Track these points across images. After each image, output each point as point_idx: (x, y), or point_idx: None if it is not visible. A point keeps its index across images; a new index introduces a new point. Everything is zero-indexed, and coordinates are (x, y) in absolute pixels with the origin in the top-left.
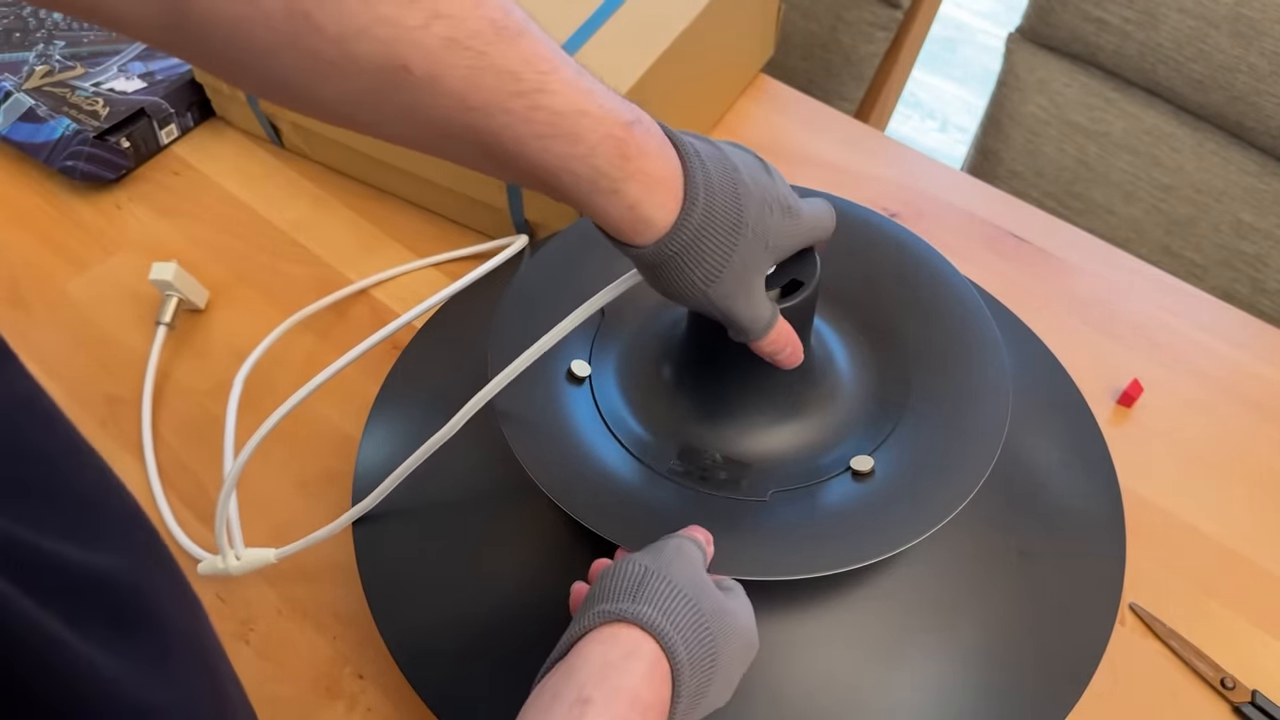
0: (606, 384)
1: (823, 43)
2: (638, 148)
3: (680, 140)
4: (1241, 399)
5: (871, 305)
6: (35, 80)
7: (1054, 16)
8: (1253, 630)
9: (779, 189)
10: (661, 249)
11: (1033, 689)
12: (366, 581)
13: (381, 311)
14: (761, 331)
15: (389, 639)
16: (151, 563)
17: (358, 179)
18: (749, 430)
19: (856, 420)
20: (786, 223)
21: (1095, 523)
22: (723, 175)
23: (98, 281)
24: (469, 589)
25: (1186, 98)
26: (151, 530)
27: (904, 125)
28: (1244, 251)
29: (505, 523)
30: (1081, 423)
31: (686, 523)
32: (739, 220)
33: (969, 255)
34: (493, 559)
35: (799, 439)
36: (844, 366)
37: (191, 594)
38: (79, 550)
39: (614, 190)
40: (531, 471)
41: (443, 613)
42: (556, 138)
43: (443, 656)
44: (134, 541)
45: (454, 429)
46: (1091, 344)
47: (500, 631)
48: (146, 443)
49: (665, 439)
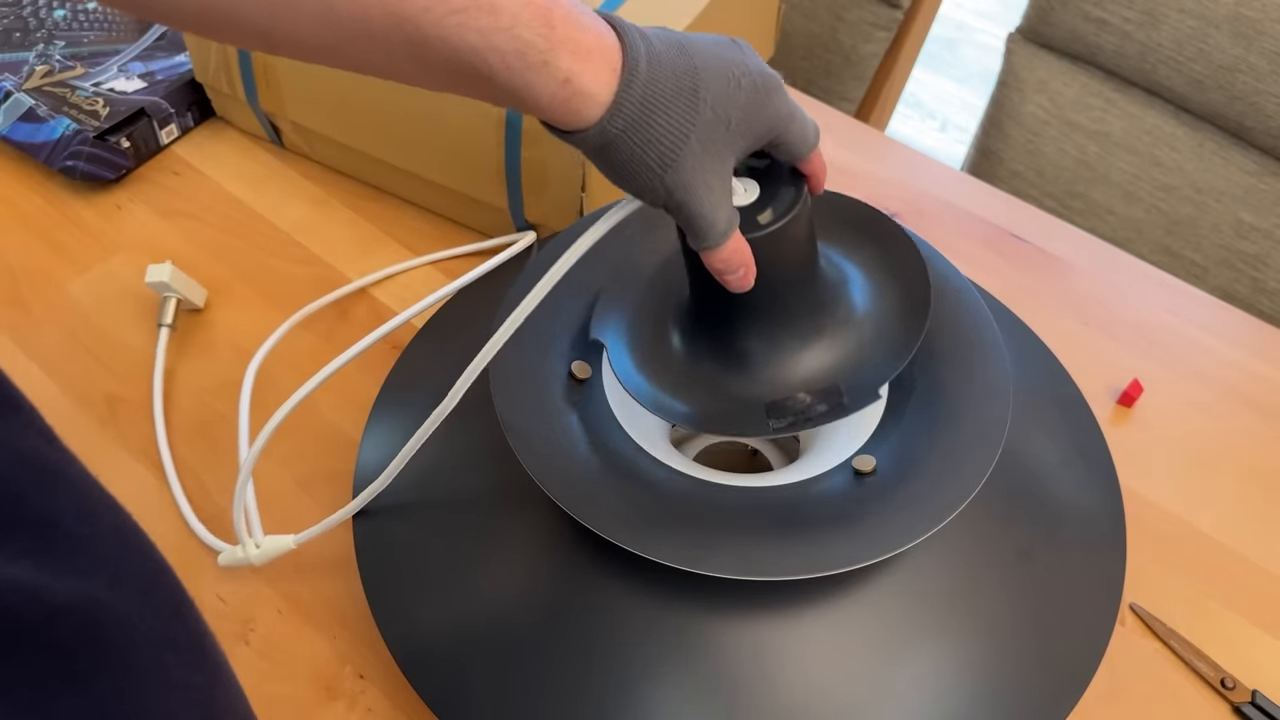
0: (622, 371)
1: (823, 42)
2: (563, 15)
3: (612, 15)
4: (1242, 399)
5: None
6: (35, 80)
7: (1054, 16)
8: (1253, 630)
9: (749, 61)
10: (606, 128)
11: (1032, 689)
12: (367, 581)
13: (382, 311)
14: (718, 238)
15: (389, 639)
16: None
17: (358, 179)
18: (807, 353)
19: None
20: (757, 100)
21: (1095, 522)
22: (669, 46)
23: (98, 281)
24: (469, 589)
25: (1187, 98)
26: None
27: (904, 125)
28: (1244, 251)
29: (506, 523)
30: (1082, 423)
31: (691, 521)
32: (694, 95)
33: (969, 255)
34: (493, 559)
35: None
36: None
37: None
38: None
39: (544, 63)
40: (535, 475)
41: (443, 613)
42: (475, 10)
43: (443, 656)
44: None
45: (465, 386)
46: (1092, 344)
47: (501, 632)
48: (162, 443)
49: (743, 409)
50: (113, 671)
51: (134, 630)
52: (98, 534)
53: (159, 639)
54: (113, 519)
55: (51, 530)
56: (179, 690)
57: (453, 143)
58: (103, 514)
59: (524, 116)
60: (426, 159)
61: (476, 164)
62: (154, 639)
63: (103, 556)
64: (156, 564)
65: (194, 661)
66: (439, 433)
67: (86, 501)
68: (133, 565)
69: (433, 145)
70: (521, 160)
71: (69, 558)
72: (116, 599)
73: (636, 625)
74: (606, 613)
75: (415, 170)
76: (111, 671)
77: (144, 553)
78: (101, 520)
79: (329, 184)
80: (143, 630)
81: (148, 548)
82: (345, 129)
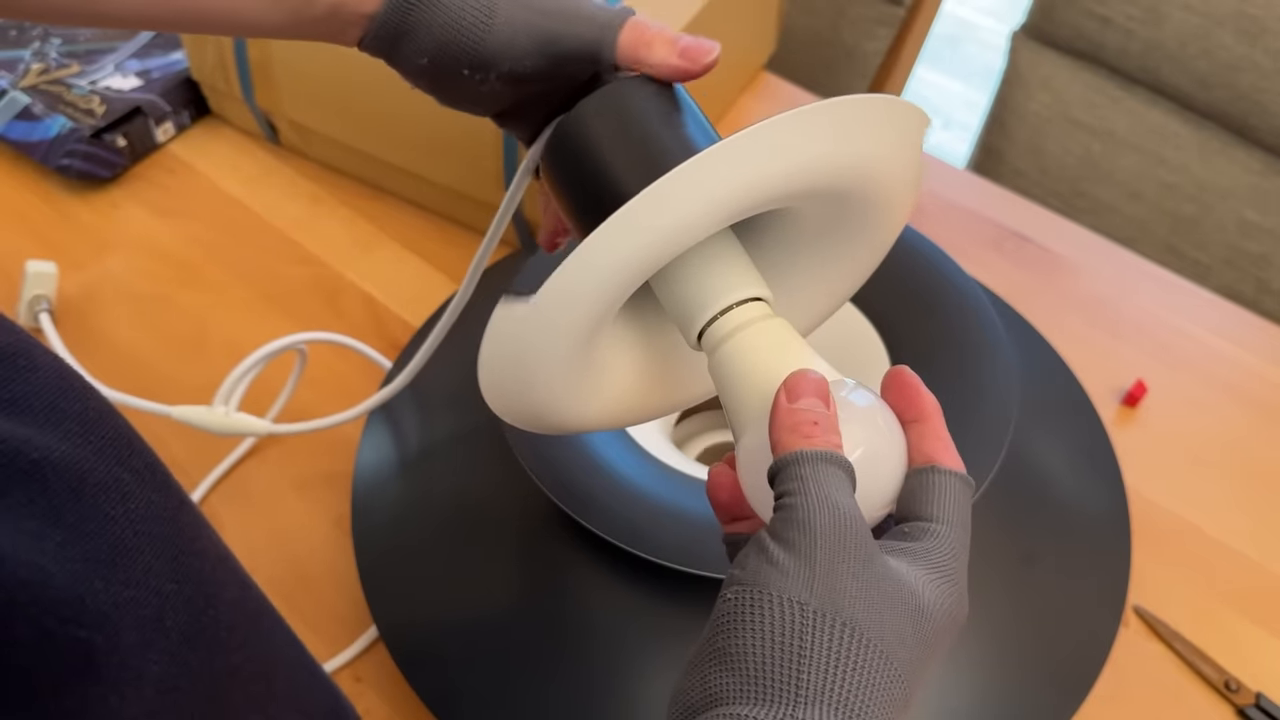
0: None
1: (825, 39)
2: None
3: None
4: (1246, 399)
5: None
6: (31, 78)
7: (1057, 14)
8: (1257, 632)
9: None
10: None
11: (1037, 691)
12: (366, 581)
13: (380, 311)
14: (618, 18)
15: (388, 639)
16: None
17: (355, 177)
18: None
19: None
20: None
21: (1100, 524)
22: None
23: (94, 280)
24: (468, 589)
25: (1191, 96)
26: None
27: None
28: (1249, 251)
29: (505, 523)
30: (1086, 423)
31: (695, 521)
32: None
33: (972, 254)
34: (492, 559)
35: None
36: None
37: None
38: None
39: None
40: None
41: (442, 613)
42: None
43: (441, 657)
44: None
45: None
46: (1096, 344)
47: (499, 632)
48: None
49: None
50: (63, 473)
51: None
52: (35, 366)
53: (112, 459)
54: (52, 364)
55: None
56: (139, 502)
57: (451, 140)
58: (39, 357)
59: None
60: (424, 157)
61: (474, 161)
62: (106, 458)
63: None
64: (100, 403)
65: (153, 486)
66: (439, 432)
67: (22, 346)
68: (74, 401)
69: (431, 143)
70: (520, 158)
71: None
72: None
73: (636, 625)
74: (605, 612)
75: (413, 168)
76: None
77: (86, 392)
78: (40, 366)
79: (326, 182)
80: (91, 451)
81: (88, 391)
82: (342, 127)
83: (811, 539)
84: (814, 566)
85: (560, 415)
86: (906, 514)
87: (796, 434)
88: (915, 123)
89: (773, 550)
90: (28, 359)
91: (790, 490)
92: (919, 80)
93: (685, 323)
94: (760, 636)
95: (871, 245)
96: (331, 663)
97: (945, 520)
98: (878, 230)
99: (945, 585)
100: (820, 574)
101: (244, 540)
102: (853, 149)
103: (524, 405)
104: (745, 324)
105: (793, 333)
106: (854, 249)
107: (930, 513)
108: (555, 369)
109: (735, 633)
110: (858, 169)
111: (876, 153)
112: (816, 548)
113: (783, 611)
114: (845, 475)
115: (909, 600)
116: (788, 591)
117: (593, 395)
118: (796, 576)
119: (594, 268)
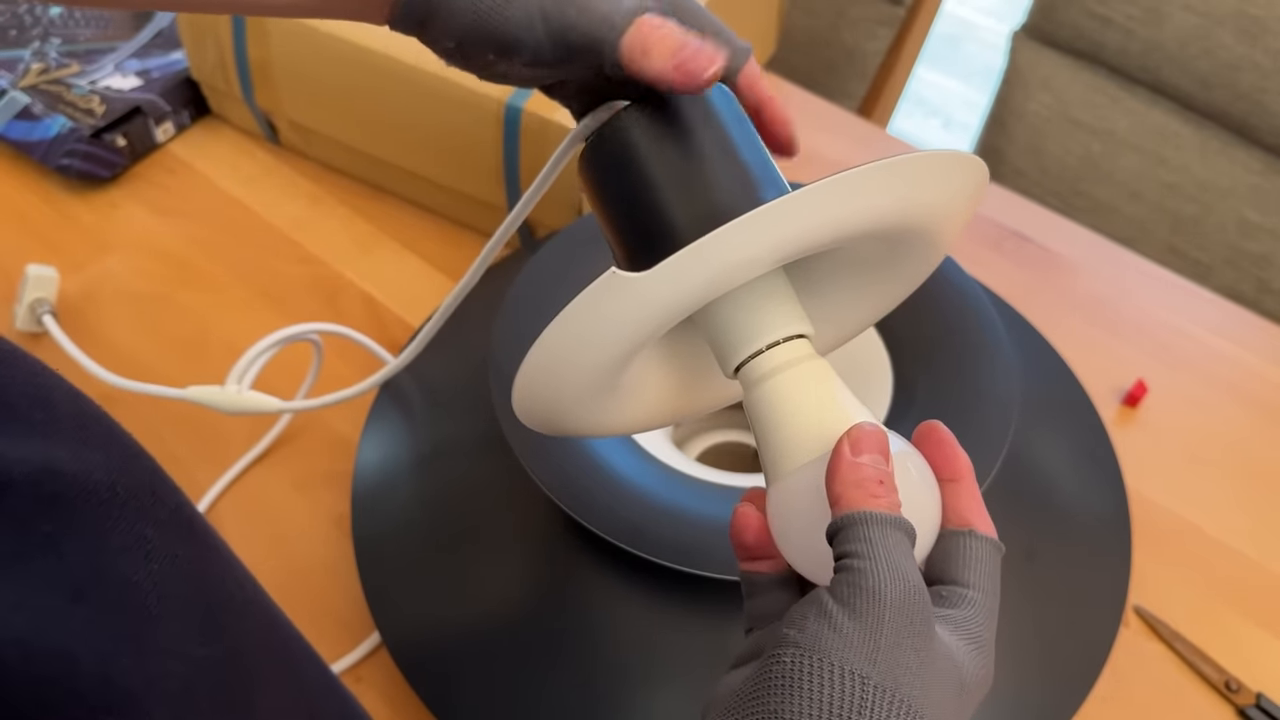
0: None
1: (825, 40)
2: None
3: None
4: (1247, 399)
5: None
6: (31, 78)
7: (1058, 14)
8: (1258, 632)
9: None
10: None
11: (1036, 691)
12: (366, 582)
13: (380, 310)
14: (627, 13)
15: (388, 640)
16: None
17: (355, 177)
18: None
19: None
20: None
21: (1100, 524)
22: None
23: (93, 280)
24: (469, 590)
25: (1191, 96)
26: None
27: (907, 123)
28: (1249, 251)
29: (505, 523)
30: (1087, 423)
31: (695, 521)
32: None
33: (973, 254)
34: (492, 560)
35: None
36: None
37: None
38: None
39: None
40: (535, 474)
41: (442, 613)
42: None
43: (442, 657)
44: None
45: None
46: (1096, 344)
47: (500, 632)
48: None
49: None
50: (83, 540)
51: (103, 504)
52: (56, 419)
53: (135, 513)
54: (72, 406)
55: (3, 413)
56: (164, 561)
57: (451, 140)
58: (60, 401)
59: (522, 114)
60: (424, 156)
61: (474, 161)
62: (129, 512)
63: (63, 438)
64: (126, 447)
65: (179, 537)
66: (439, 432)
67: (42, 391)
68: (98, 447)
69: (430, 143)
70: (520, 158)
71: (22, 438)
72: (79, 475)
73: (636, 625)
74: (606, 613)
75: (413, 168)
76: (82, 540)
77: (111, 437)
78: (58, 407)
79: (326, 182)
80: (114, 503)
81: (116, 432)
82: (342, 126)
83: (880, 610)
84: (879, 639)
85: (581, 424)
86: (942, 576)
87: (863, 491)
88: (978, 176)
89: (836, 616)
90: (46, 409)
91: (857, 553)
92: (919, 80)
93: (724, 352)
94: (816, 706)
95: (911, 276)
96: (334, 666)
97: (981, 588)
98: (920, 264)
99: (980, 655)
100: (885, 647)
101: (244, 541)
102: (921, 202)
103: (549, 414)
104: (789, 363)
105: (836, 377)
106: (894, 278)
107: (967, 578)
108: (589, 388)
109: (790, 698)
110: (921, 219)
111: (941, 204)
112: (885, 621)
113: (843, 683)
114: (910, 542)
115: (955, 675)
116: (850, 663)
117: (616, 407)
118: (860, 648)
119: (649, 303)
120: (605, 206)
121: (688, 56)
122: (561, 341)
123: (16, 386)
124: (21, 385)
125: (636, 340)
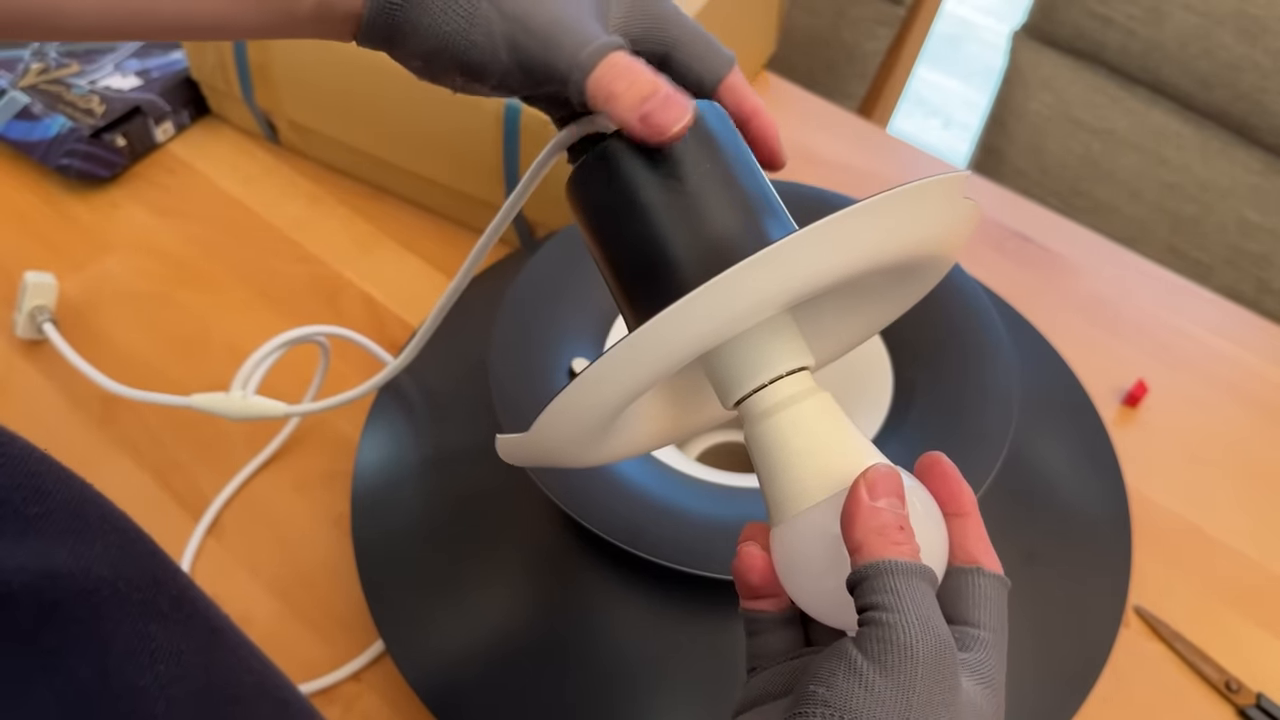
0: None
1: (825, 39)
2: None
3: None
4: (1247, 399)
5: None
6: (31, 78)
7: (1058, 13)
8: (1258, 632)
9: None
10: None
11: (1037, 691)
12: (366, 583)
13: (379, 310)
14: (595, 52)
15: (389, 641)
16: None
17: (355, 177)
18: None
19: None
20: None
21: (1101, 524)
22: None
23: (93, 280)
24: (469, 591)
25: (1191, 96)
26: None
27: (907, 123)
28: (1249, 251)
29: (506, 523)
30: (1087, 423)
31: (695, 521)
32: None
33: (973, 254)
34: (493, 560)
35: None
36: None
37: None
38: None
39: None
40: (535, 474)
41: (442, 614)
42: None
43: (442, 659)
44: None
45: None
46: (1097, 344)
47: (500, 633)
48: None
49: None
50: (87, 649)
51: (104, 604)
52: (51, 511)
53: (138, 609)
54: (66, 494)
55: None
56: (169, 660)
57: (450, 140)
58: (53, 490)
59: (522, 113)
60: (424, 156)
61: (474, 161)
62: (131, 609)
63: (59, 533)
64: (124, 534)
65: (183, 629)
66: (439, 432)
67: (35, 479)
68: (96, 539)
69: (430, 142)
70: (520, 158)
71: (18, 539)
72: (78, 575)
73: (636, 626)
74: (606, 613)
75: (413, 168)
76: (85, 650)
77: (108, 523)
78: (52, 497)
79: (325, 182)
80: (115, 602)
81: (113, 517)
82: (342, 126)
83: (913, 667)
84: (911, 697)
85: (576, 462)
86: (951, 616)
87: (884, 539)
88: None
89: (866, 673)
90: (40, 501)
91: (884, 605)
92: (919, 80)
93: (724, 386)
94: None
95: (912, 295)
96: (337, 673)
97: (991, 628)
98: (920, 283)
99: (994, 697)
100: (917, 705)
101: (248, 546)
102: (925, 232)
103: (542, 461)
104: (792, 399)
105: (840, 411)
106: (894, 297)
107: (977, 618)
108: (586, 437)
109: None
110: (925, 247)
111: (945, 230)
112: (917, 678)
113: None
114: (933, 592)
115: (957, 678)
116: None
117: (610, 443)
118: (892, 706)
119: (649, 353)
120: (597, 238)
121: (653, 109)
122: (563, 411)
123: (8, 476)
124: (14, 475)
125: (636, 395)
